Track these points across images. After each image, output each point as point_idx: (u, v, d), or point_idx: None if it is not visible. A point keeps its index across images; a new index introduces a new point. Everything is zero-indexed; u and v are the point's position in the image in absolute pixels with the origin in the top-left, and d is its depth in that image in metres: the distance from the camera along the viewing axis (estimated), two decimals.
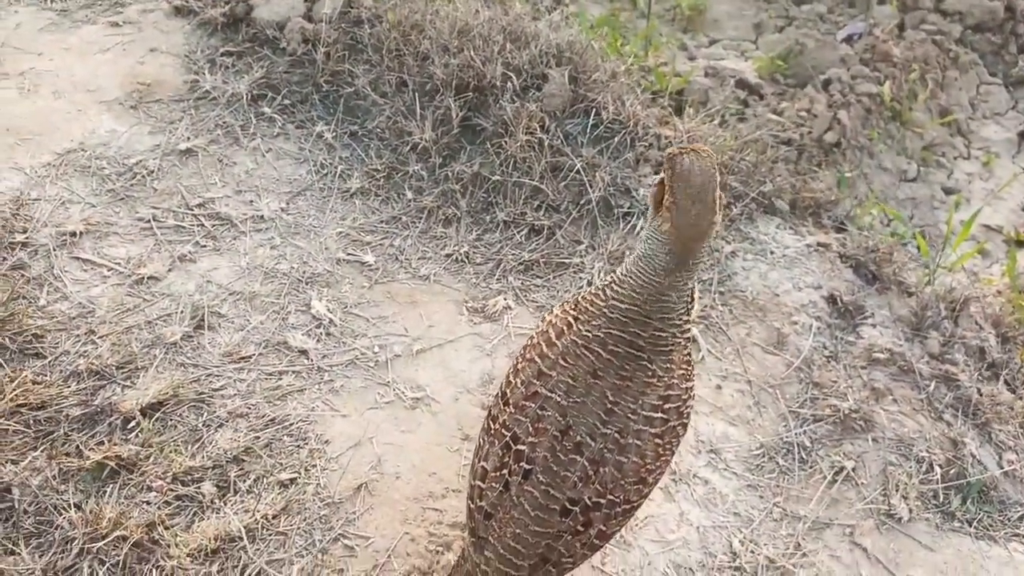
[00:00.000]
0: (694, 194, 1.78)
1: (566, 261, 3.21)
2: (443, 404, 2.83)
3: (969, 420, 3.01)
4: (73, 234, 3.13)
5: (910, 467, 2.86)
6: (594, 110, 3.41)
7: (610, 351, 1.93)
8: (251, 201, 3.35)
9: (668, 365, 1.94)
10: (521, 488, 1.95)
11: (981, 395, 3.09)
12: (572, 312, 2.03)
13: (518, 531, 1.96)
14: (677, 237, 1.81)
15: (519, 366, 2.06)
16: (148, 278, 3.04)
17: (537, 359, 2.01)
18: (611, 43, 4.03)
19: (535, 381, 1.99)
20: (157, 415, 2.64)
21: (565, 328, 2.01)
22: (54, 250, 3.07)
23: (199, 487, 2.49)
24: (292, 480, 2.56)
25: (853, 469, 2.84)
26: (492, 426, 2.05)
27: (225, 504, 2.47)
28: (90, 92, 3.65)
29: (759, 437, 2.93)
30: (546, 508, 1.93)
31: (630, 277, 1.90)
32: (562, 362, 1.98)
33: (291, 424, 2.70)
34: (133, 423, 2.60)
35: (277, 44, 3.83)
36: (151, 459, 2.51)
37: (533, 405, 1.97)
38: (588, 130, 3.42)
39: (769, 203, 3.56)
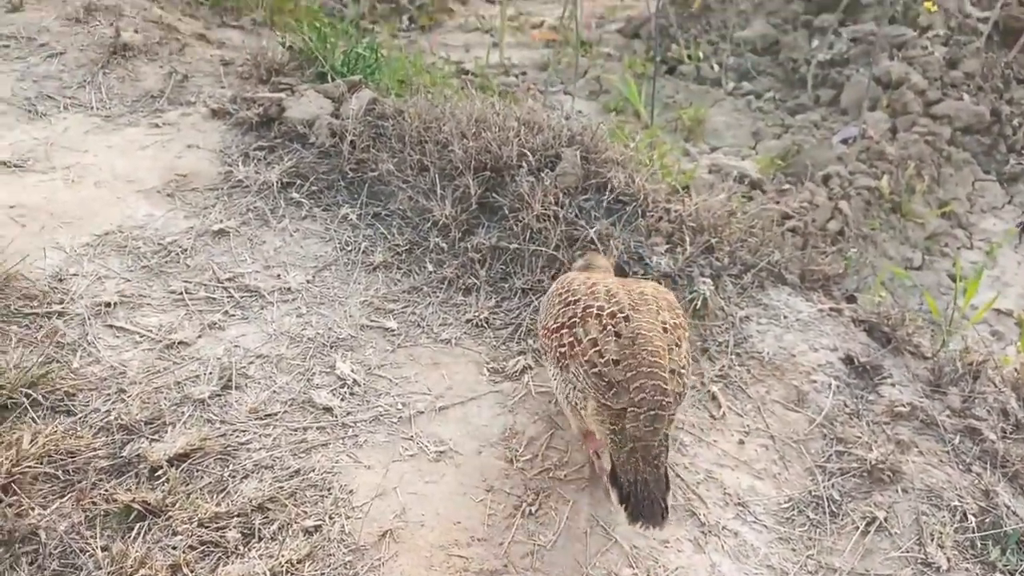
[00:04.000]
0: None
1: None
2: (466, 456, 2.83)
3: (999, 471, 2.98)
4: (108, 304, 3.24)
5: (943, 516, 2.81)
6: (606, 184, 3.58)
7: None
8: (279, 275, 3.48)
9: None
10: (629, 325, 2.47)
11: (1008, 449, 3.06)
12: None
13: (652, 336, 2.44)
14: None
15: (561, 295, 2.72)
16: (178, 343, 3.12)
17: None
18: (618, 136, 4.27)
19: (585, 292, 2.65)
20: (184, 465, 2.65)
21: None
22: (88, 319, 3.17)
23: (223, 533, 2.47)
24: (316, 527, 2.54)
25: (885, 519, 2.79)
26: (574, 317, 2.55)
27: (250, 550, 2.44)
28: (130, 183, 3.87)
29: (787, 491, 2.89)
30: (653, 328, 2.47)
31: None
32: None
33: (316, 475, 2.70)
34: (160, 472, 2.61)
35: (306, 139, 4.09)
36: (177, 505, 2.51)
37: (599, 286, 2.63)
38: (600, 204, 3.58)
39: (779, 273, 3.66)
